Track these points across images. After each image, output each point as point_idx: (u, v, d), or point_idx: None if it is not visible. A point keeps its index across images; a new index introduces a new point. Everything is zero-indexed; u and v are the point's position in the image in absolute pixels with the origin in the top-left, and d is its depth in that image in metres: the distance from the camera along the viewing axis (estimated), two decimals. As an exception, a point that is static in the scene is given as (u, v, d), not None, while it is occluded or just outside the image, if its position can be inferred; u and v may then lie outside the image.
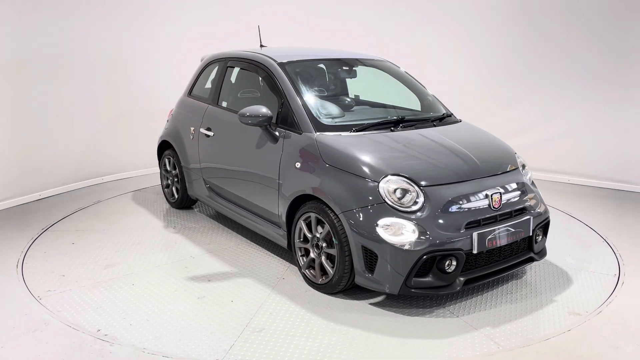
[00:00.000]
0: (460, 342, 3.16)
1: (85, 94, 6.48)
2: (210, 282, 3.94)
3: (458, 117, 4.53)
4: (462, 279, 3.44)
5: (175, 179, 5.57)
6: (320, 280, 3.76)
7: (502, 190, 3.65)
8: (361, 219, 3.41)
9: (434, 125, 4.22)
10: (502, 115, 6.96)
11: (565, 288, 3.83)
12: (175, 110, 5.59)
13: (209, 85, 5.35)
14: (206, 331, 3.28)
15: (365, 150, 3.67)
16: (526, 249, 3.80)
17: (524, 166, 4.08)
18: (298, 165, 3.86)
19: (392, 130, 4.00)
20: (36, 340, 3.22)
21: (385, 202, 3.40)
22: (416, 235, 3.31)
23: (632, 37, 6.13)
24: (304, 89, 4.19)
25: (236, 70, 4.93)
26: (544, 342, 3.12)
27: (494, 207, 3.57)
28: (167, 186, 5.75)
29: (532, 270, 4.10)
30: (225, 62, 4.96)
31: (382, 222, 3.36)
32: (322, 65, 4.75)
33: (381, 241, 3.33)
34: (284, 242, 4.10)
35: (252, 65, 4.66)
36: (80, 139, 6.52)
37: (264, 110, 4.03)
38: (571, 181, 6.68)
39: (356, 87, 4.88)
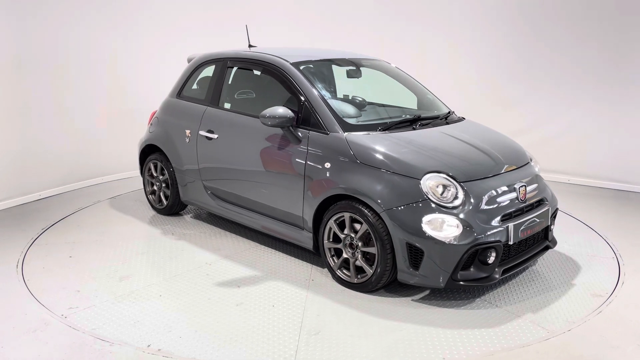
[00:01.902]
0: (510, 329, 3.30)
1: (84, 95, 6.50)
2: (240, 288, 3.84)
3: (460, 116, 4.69)
4: (498, 269, 3.60)
5: (163, 185, 5.34)
6: (356, 280, 3.77)
7: (525, 183, 3.85)
8: (405, 216, 3.46)
9: (447, 123, 4.36)
10: (502, 116, 6.92)
11: (577, 275, 4.06)
12: (161, 113, 5.35)
13: (195, 86, 5.19)
14: (263, 337, 3.20)
15: (400, 149, 3.73)
16: (542, 238, 4.02)
17: (531, 159, 4.31)
18: (328, 165, 3.84)
19: (414, 129, 4.09)
20: (36, 340, 3.20)
21: (429, 198, 3.48)
22: (460, 229, 3.41)
23: (632, 37, 6.15)
24: (322, 89, 4.18)
25: (239, 71, 4.80)
26: (544, 342, 3.16)
27: (521, 200, 3.75)
28: (153, 192, 5.50)
29: (540, 261, 4.29)
30: (224, 63, 4.82)
31: (426, 218, 3.43)
32: (332, 66, 4.75)
33: (427, 237, 3.40)
34: (309, 244, 4.07)
35: (259, 66, 4.58)
36: (81, 139, 6.53)
37: (286, 111, 3.98)
38: (571, 181, 6.69)
39: (357, 87, 4.90)
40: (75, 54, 6.33)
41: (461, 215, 3.45)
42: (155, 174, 5.42)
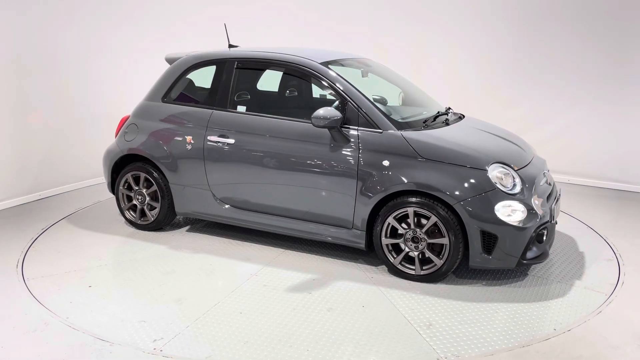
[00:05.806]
0: (574, 299, 3.70)
1: (84, 95, 6.48)
2: (312, 294, 3.74)
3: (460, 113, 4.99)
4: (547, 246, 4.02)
5: (149, 198, 4.88)
6: (422, 272, 3.91)
7: (548, 169, 4.33)
8: (479, 206, 3.70)
9: (460, 119, 4.67)
10: (501, 115, 6.84)
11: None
12: (140, 118, 4.87)
13: (177, 88, 4.84)
14: (385, 337, 3.21)
15: (459, 143, 3.95)
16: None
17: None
18: (386, 163, 3.92)
19: (447, 124, 4.33)
20: (36, 340, 3.21)
21: (497, 187, 3.75)
22: (526, 213, 3.74)
23: (632, 37, 6.16)
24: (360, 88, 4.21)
25: (250, 72, 4.58)
26: (544, 342, 3.19)
27: (548, 184, 4.22)
28: (133, 207, 4.98)
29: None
30: (231, 63, 4.56)
31: (498, 206, 3.71)
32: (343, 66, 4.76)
33: (501, 223, 3.68)
34: (360, 243, 4.09)
35: (279, 67, 4.44)
36: (81, 140, 6.50)
37: (335, 111, 3.96)
38: (571, 181, 6.68)
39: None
40: (75, 54, 6.32)
41: (524, 200, 3.79)
42: (136, 187, 4.92)
